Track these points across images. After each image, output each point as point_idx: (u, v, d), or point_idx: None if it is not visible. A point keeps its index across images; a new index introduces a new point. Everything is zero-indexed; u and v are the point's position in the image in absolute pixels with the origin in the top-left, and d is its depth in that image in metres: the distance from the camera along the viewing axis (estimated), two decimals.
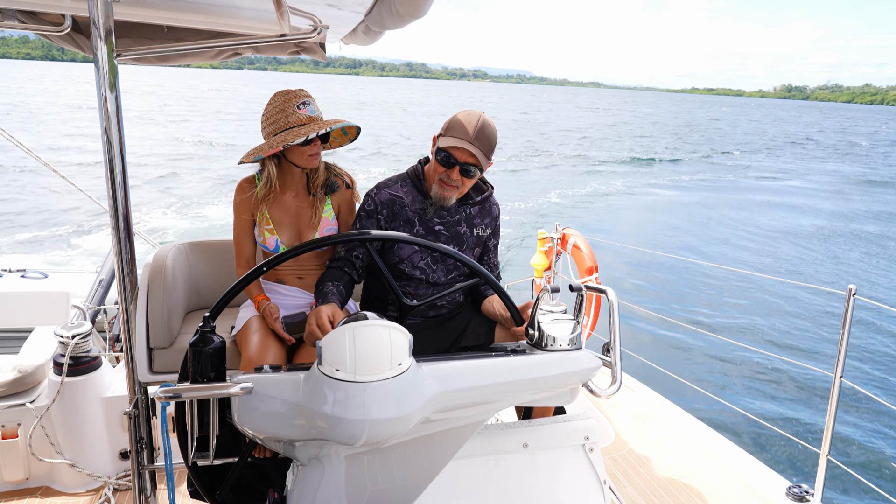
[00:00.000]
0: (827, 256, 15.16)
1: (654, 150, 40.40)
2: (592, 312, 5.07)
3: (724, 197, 23.98)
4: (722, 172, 31.81)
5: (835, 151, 47.12)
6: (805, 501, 2.92)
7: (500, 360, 1.50)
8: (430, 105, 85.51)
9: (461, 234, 2.26)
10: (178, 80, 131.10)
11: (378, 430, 1.23)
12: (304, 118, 2.19)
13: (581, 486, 1.59)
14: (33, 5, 2.05)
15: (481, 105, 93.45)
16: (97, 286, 4.33)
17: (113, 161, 1.90)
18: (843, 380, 2.88)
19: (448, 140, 2.05)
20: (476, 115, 2.08)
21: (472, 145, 2.04)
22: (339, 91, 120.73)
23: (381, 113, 64.12)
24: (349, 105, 74.44)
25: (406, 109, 73.70)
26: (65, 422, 2.87)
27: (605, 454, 3.36)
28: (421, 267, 2.21)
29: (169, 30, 2.38)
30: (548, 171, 28.68)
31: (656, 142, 46.68)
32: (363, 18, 2.25)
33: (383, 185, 2.24)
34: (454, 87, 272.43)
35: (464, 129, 2.04)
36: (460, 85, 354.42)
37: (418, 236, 2.19)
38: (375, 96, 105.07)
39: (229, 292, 1.54)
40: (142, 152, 26.92)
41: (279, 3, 1.70)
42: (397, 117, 59.65)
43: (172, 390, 1.33)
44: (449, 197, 2.15)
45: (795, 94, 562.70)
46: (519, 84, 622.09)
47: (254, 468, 1.93)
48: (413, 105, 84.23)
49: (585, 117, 77.92)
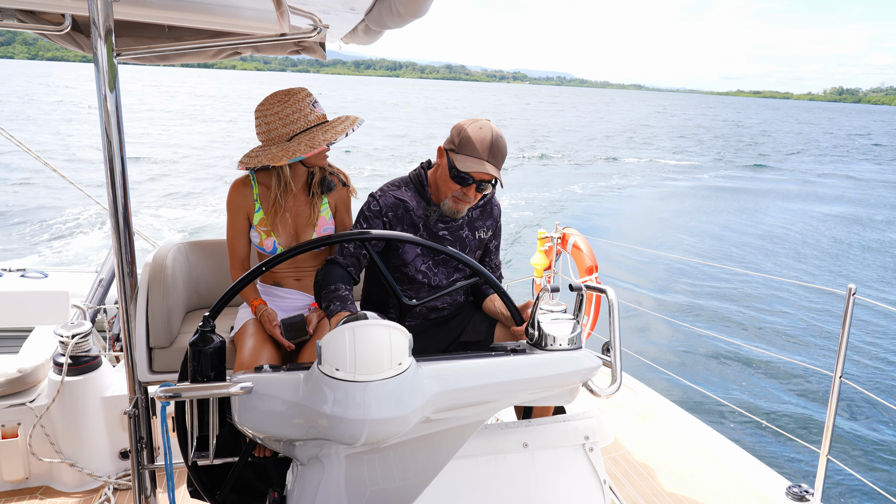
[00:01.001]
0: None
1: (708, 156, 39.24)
2: (592, 312, 5.07)
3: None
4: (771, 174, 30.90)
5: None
6: (805, 501, 2.92)
7: (500, 359, 1.50)
8: (468, 108, 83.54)
9: (464, 238, 2.25)
10: (225, 81, 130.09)
11: (378, 429, 1.23)
12: (321, 117, 2.18)
13: (581, 486, 1.59)
14: (33, 4, 2.05)
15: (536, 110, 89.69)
16: (97, 286, 4.32)
17: (113, 161, 1.90)
18: (843, 380, 2.88)
19: (465, 162, 2.01)
20: (487, 128, 2.03)
21: (489, 164, 2.00)
22: (377, 93, 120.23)
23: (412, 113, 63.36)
24: (386, 106, 74.19)
25: (440, 111, 72.94)
26: (65, 421, 2.87)
27: (605, 454, 3.36)
28: (423, 271, 2.20)
29: (169, 29, 2.38)
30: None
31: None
32: (363, 18, 2.24)
33: (387, 189, 2.20)
34: (494, 88, 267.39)
35: (478, 149, 2.00)
36: (499, 87, 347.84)
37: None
38: (404, 98, 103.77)
39: (229, 292, 1.54)
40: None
41: (279, 3, 1.70)
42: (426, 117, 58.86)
43: (172, 390, 1.33)
44: (462, 210, 2.14)
45: (847, 96, 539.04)
46: (559, 86, 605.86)
47: (254, 468, 1.93)
48: (447, 107, 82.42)
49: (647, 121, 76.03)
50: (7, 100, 49.65)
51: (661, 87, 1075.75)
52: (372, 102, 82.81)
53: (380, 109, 67.68)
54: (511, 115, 71.49)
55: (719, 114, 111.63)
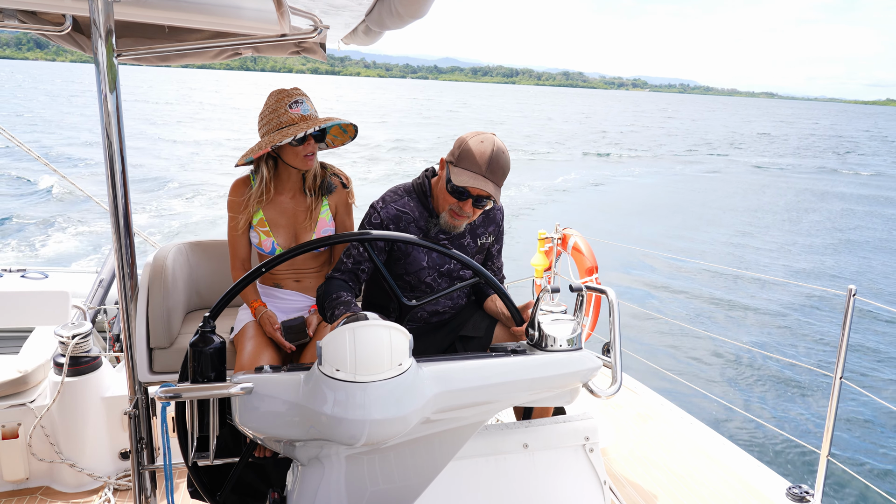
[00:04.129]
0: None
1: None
2: (592, 312, 5.07)
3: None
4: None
5: None
6: (805, 502, 2.91)
7: (500, 360, 1.50)
8: (581, 115, 79.63)
9: (464, 246, 2.23)
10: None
11: (378, 430, 1.23)
12: (295, 117, 2.13)
13: (581, 487, 1.59)
14: (34, 5, 2.05)
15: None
16: (97, 286, 4.32)
17: (113, 161, 1.90)
18: (843, 380, 2.88)
19: (461, 176, 1.96)
20: (489, 142, 1.97)
21: (487, 180, 1.95)
22: (498, 98, 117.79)
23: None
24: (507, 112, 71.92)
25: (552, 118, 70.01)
26: (65, 422, 2.87)
27: (605, 454, 3.36)
28: (428, 282, 2.18)
29: (169, 30, 2.38)
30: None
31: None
32: (363, 19, 2.25)
33: (389, 200, 2.16)
34: (610, 96, 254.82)
35: (477, 163, 1.95)
36: (617, 94, 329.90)
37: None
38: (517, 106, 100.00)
39: (229, 292, 1.54)
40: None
41: (279, 3, 1.70)
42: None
43: (173, 390, 1.33)
44: (459, 226, 2.09)
45: None
46: (682, 94, 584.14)
47: (254, 468, 1.93)
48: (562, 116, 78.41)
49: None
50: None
51: (796, 95, 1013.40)
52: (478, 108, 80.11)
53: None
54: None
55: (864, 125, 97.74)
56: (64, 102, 51.37)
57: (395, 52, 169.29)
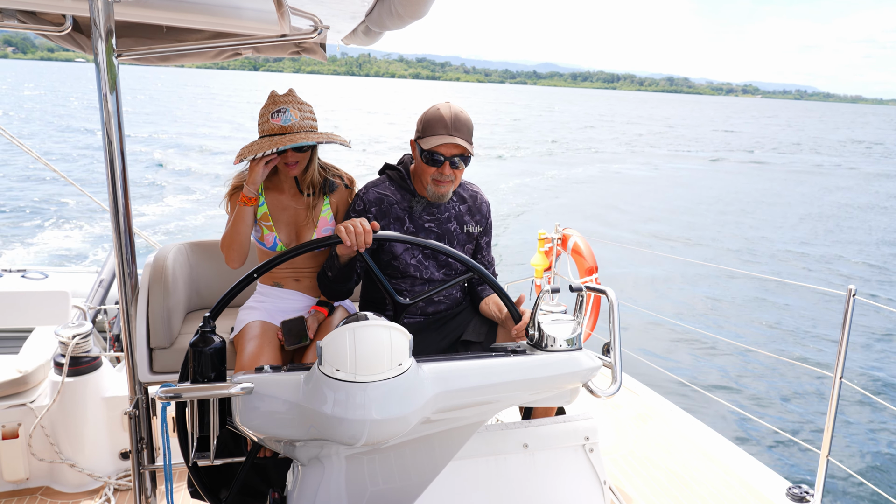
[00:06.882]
0: None
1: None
2: (591, 312, 5.08)
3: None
4: None
5: None
6: (805, 502, 2.92)
7: (500, 360, 1.50)
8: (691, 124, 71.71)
9: (451, 232, 2.29)
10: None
11: (378, 430, 1.23)
12: (275, 128, 2.11)
13: (581, 487, 1.60)
14: (34, 5, 2.05)
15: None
16: (97, 286, 4.32)
17: (113, 161, 1.90)
18: (843, 380, 2.88)
19: (430, 140, 2.09)
20: (446, 106, 2.12)
21: (455, 137, 2.08)
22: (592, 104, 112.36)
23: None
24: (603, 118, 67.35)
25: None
26: (65, 422, 2.88)
27: (605, 454, 3.36)
28: (413, 264, 2.23)
29: (169, 30, 2.38)
30: None
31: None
32: (363, 19, 2.25)
33: (370, 185, 2.28)
34: (718, 103, 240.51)
35: (441, 124, 2.09)
36: (725, 101, 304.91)
37: (409, 234, 2.22)
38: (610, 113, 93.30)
39: (230, 292, 1.54)
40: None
41: (280, 4, 1.70)
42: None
43: (173, 390, 1.33)
44: (446, 193, 2.19)
45: None
46: (798, 101, 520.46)
47: (254, 468, 1.93)
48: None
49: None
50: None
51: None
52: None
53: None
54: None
55: None
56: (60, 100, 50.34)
57: (494, 56, 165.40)
